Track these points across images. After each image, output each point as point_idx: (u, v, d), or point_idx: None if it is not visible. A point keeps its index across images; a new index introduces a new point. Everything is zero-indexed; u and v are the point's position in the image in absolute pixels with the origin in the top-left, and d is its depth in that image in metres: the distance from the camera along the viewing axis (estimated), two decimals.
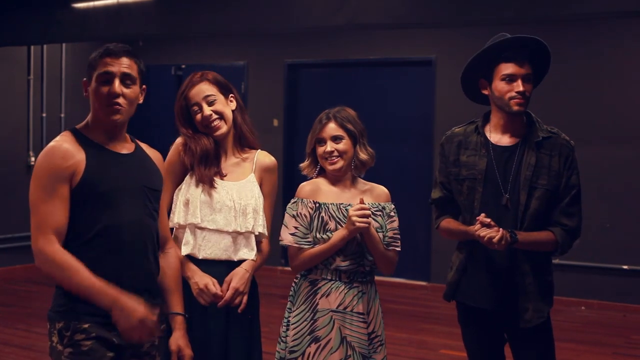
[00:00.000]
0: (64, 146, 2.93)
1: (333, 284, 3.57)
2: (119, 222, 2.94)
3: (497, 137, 3.81)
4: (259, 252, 3.60)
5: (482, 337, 3.93)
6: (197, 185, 3.50)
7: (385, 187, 3.78)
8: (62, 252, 2.85)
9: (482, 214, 3.59)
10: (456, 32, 8.67)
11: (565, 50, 8.43)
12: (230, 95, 3.64)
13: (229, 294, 3.43)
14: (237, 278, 3.47)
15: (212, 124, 3.53)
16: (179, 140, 3.61)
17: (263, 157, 3.70)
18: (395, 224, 3.68)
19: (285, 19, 7.10)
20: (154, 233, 3.12)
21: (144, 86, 3.10)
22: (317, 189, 3.64)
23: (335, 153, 3.61)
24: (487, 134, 3.83)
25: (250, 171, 3.62)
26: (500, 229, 3.53)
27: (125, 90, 2.98)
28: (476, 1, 6.26)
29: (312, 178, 3.73)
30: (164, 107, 10.82)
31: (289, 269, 3.34)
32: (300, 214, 3.60)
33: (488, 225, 3.55)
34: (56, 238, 2.86)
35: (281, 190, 9.38)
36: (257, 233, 3.55)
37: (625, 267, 8.34)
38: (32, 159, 10.00)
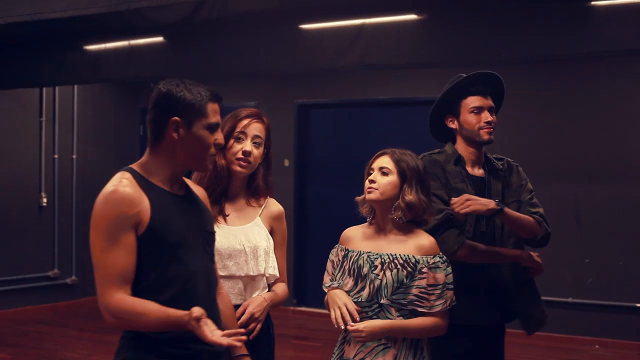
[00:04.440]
0: (128, 191, 2.69)
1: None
2: (189, 270, 2.77)
3: (470, 169, 4.01)
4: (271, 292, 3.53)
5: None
6: None
7: None
8: (127, 297, 2.65)
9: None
10: (465, 71, 8.70)
11: (581, 88, 8.50)
12: (264, 148, 3.58)
13: (244, 317, 3.31)
14: (255, 304, 3.37)
15: (244, 162, 3.46)
16: None
17: (272, 205, 3.62)
18: (424, 282, 3.33)
19: (296, 59, 7.13)
20: (214, 277, 2.97)
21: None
22: (354, 235, 3.52)
23: (375, 184, 3.41)
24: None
25: (257, 215, 3.55)
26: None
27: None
28: (485, 41, 6.30)
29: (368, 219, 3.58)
30: None
31: (301, 309, 3.27)
32: (333, 260, 3.55)
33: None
34: (121, 287, 2.65)
35: (292, 231, 9.37)
36: (267, 275, 3.49)
37: (639, 305, 8.28)
38: (44, 200, 10.05)
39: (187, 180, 3.02)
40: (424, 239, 3.42)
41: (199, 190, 3.05)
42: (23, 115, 9.94)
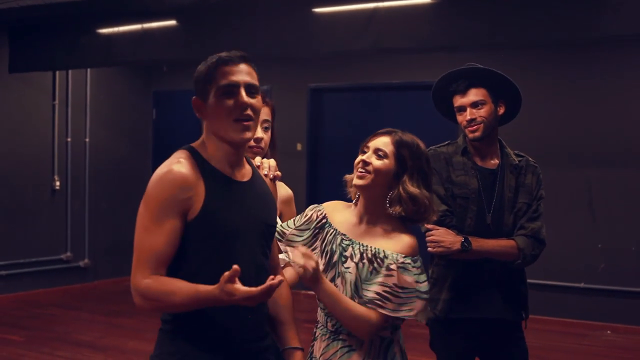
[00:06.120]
0: (183, 172, 2.52)
1: (322, 329, 3.11)
2: (237, 263, 2.44)
3: (479, 161, 3.97)
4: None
5: (474, 350, 3.95)
6: None
7: None
8: (158, 278, 2.48)
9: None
10: (480, 55, 8.67)
11: (594, 71, 8.46)
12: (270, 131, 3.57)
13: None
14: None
15: (256, 148, 3.40)
16: None
17: (281, 189, 3.55)
18: (391, 281, 2.88)
19: (309, 43, 7.12)
20: (267, 272, 2.70)
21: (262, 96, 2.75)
22: (339, 211, 3.13)
23: (369, 167, 2.96)
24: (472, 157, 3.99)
25: None
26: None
27: (252, 101, 2.58)
28: (498, 25, 6.27)
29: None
30: (190, 132, 10.86)
31: (313, 293, 3.14)
32: (307, 214, 3.17)
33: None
34: (155, 271, 2.49)
35: None
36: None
37: None
38: (57, 183, 10.08)
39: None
40: (404, 237, 2.97)
41: (268, 181, 2.96)
42: (36, 99, 9.95)
